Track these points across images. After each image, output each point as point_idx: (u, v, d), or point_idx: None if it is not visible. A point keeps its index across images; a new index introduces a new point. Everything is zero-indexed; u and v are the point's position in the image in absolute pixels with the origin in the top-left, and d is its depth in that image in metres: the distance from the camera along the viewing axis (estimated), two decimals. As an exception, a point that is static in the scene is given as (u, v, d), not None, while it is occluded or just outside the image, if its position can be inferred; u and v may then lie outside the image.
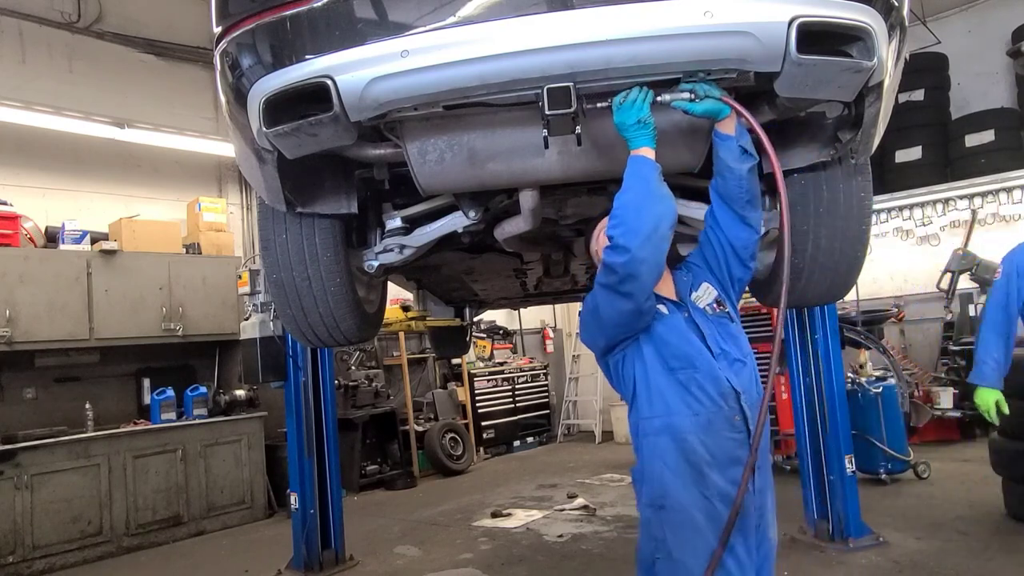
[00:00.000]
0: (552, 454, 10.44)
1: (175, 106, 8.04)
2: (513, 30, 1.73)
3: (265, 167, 2.09)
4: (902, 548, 4.88)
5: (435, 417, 9.77)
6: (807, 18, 1.69)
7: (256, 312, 5.44)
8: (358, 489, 8.25)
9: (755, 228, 2.20)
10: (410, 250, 2.70)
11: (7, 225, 6.30)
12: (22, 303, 6.12)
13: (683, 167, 2.29)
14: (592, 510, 6.62)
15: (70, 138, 7.16)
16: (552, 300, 6.87)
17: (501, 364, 11.06)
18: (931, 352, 9.32)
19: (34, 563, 5.71)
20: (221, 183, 8.66)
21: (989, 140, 9.10)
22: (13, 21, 7.04)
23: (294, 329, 2.73)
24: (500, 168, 2.15)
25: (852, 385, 6.73)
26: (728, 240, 2.22)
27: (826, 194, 2.38)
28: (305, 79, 1.82)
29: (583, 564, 5.20)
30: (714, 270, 2.29)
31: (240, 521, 7.10)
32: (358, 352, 9.24)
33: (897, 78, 2.04)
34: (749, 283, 3.06)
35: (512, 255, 3.40)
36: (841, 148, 2.22)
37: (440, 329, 6.44)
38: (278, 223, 2.47)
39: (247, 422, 7.27)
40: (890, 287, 9.78)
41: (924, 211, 9.58)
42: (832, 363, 5.14)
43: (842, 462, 5.02)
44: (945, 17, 9.88)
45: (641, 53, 1.73)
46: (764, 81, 1.86)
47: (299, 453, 5.51)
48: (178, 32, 8.15)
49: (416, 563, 5.53)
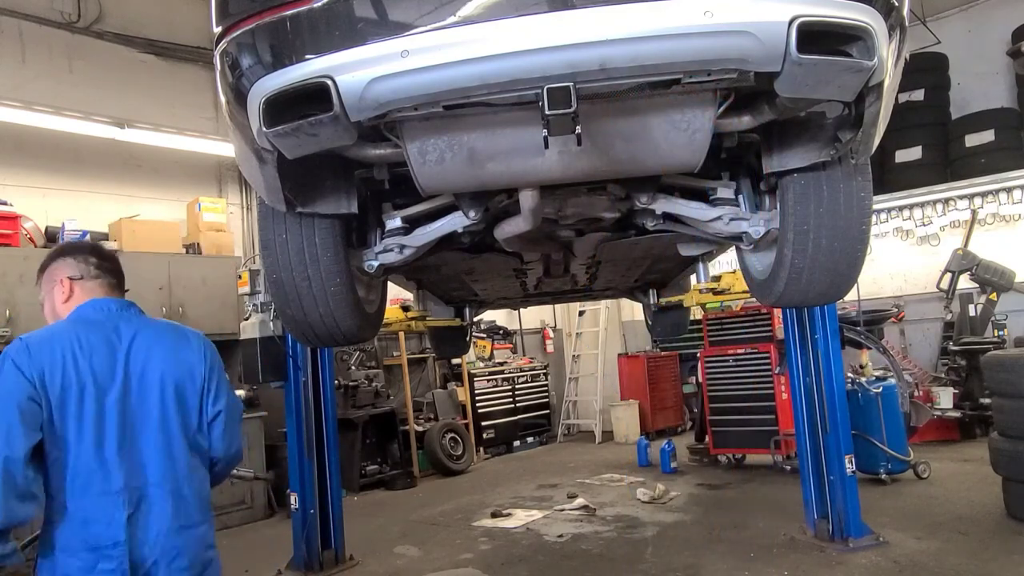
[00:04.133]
0: (552, 454, 10.44)
1: (175, 106, 8.04)
2: (513, 30, 1.73)
3: (265, 167, 2.09)
4: (902, 548, 4.88)
5: (435, 417, 9.77)
6: (807, 18, 1.69)
7: (256, 312, 5.45)
8: (358, 489, 8.25)
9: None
10: (410, 250, 2.69)
11: (7, 225, 6.31)
12: (22, 303, 6.12)
13: (683, 167, 2.29)
14: (592, 510, 6.62)
15: (70, 138, 7.16)
16: (552, 300, 6.87)
17: (501, 364, 11.06)
18: (931, 352, 9.32)
19: (34, 563, 5.70)
20: (221, 183, 8.66)
21: (989, 140, 9.11)
22: (13, 21, 7.05)
23: (294, 329, 2.73)
24: (500, 168, 2.15)
25: (852, 385, 6.73)
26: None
27: (826, 194, 2.38)
28: (305, 79, 1.82)
29: (583, 564, 5.20)
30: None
31: (240, 521, 7.10)
32: (358, 352, 9.24)
33: (897, 78, 2.04)
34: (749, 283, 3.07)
35: (512, 255, 3.40)
36: (841, 148, 2.22)
37: (440, 329, 6.43)
38: (278, 223, 2.47)
39: (247, 422, 7.24)
40: (890, 287, 9.80)
41: (924, 211, 9.59)
42: (832, 363, 5.14)
43: (842, 462, 5.02)
44: (945, 17, 9.89)
45: (642, 53, 1.72)
46: (764, 81, 1.86)
47: (299, 453, 5.52)
48: (178, 32, 8.15)
49: (416, 563, 5.53)
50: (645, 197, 2.61)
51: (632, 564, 5.08)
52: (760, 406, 7.73)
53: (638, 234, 3.20)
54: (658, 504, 6.72)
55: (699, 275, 4.41)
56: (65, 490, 2.05)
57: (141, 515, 2.09)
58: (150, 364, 2.20)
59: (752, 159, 2.59)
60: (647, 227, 2.92)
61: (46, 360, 2.06)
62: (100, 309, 2.25)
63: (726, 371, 8.14)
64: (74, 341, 2.12)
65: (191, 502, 2.19)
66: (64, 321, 2.23)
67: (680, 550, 5.29)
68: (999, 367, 5.35)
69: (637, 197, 2.62)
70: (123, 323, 2.24)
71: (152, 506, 2.11)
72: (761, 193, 2.70)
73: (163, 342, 2.26)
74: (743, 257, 3.02)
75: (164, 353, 2.24)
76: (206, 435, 2.29)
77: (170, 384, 2.21)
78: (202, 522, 2.23)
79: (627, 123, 2.08)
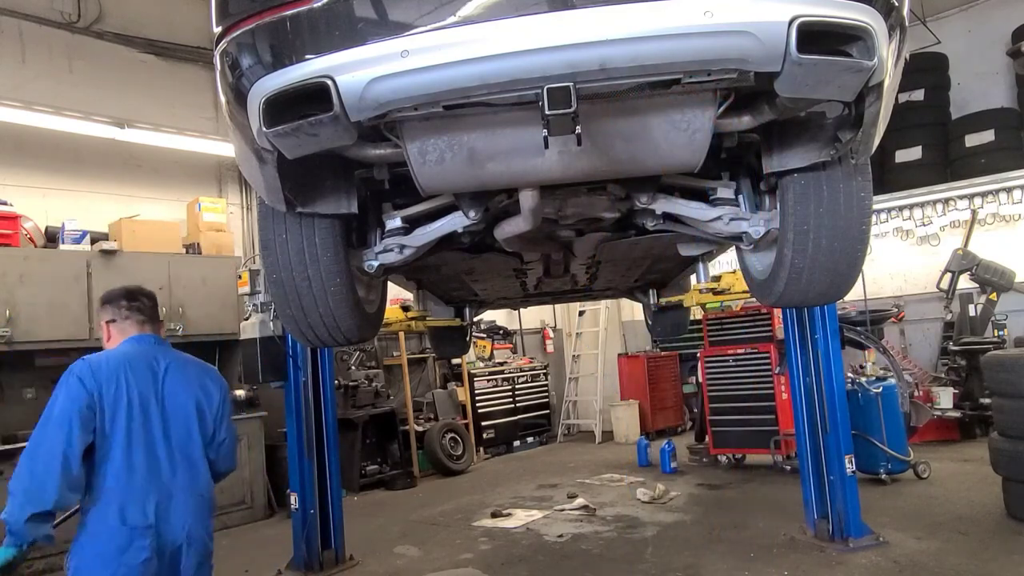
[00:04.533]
0: (552, 454, 10.45)
1: (175, 106, 8.04)
2: (513, 30, 1.73)
3: (265, 167, 2.09)
4: (902, 548, 4.88)
5: (435, 417, 9.77)
6: (807, 18, 1.69)
7: (256, 312, 5.45)
8: (358, 489, 8.25)
9: None
10: (410, 250, 2.69)
11: (7, 225, 6.31)
12: (22, 303, 6.13)
13: (683, 167, 2.29)
14: (592, 510, 6.62)
15: (70, 138, 7.17)
16: (552, 300, 6.87)
17: (501, 364, 11.06)
18: (931, 352, 9.32)
19: (34, 563, 5.70)
20: (221, 183, 8.66)
21: (989, 140, 9.12)
22: (13, 21, 7.05)
23: (294, 329, 2.73)
24: (500, 168, 2.15)
25: (852, 385, 6.74)
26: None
27: (826, 194, 2.37)
28: (305, 79, 1.82)
29: (583, 564, 5.20)
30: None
31: (240, 521, 7.10)
32: (358, 352, 9.24)
33: (897, 78, 2.04)
34: (749, 283, 3.07)
35: (512, 255, 3.40)
36: (841, 148, 2.22)
37: (440, 329, 6.43)
38: (278, 223, 2.47)
39: (247, 422, 7.27)
40: (890, 287, 9.80)
41: (924, 211, 9.59)
42: (832, 363, 5.14)
43: (842, 462, 5.02)
44: (945, 17, 9.89)
45: (642, 53, 1.72)
46: (764, 81, 1.86)
47: (299, 453, 5.52)
48: (178, 32, 8.16)
49: (416, 563, 5.53)
50: (645, 197, 2.61)
51: (632, 564, 5.08)
52: (760, 406, 7.73)
53: (638, 234, 3.20)
54: (658, 504, 6.72)
55: (699, 275, 4.40)
56: (107, 482, 2.58)
57: (168, 507, 2.65)
58: (181, 388, 2.81)
59: (752, 159, 2.59)
60: (647, 227, 2.92)
61: (103, 378, 2.63)
62: (142, 342, 2.85)
63: (726, 371, 8.14)
64: (125, 365, 2.71)
65: (207, 501, 2.81)
66: (116, 349, 2.82)
67: (680, 550, 5.29)
68: (999, 367, 5.35)
69: (637, 197, 2.62)
70: (160, 354, 2.84)
71: (177, 501, 2.68)
72: (761, 193, 2.70)
73: (190, 372, 2.89)
74: (743, 257, 3.02)
75: (191, 381, 2.86)
76: (215, 450, 2.88)
77: (194, 406, 2.82)
78: (211, 517, 2.84)
79: (627, 123, 2.08)
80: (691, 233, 2.94)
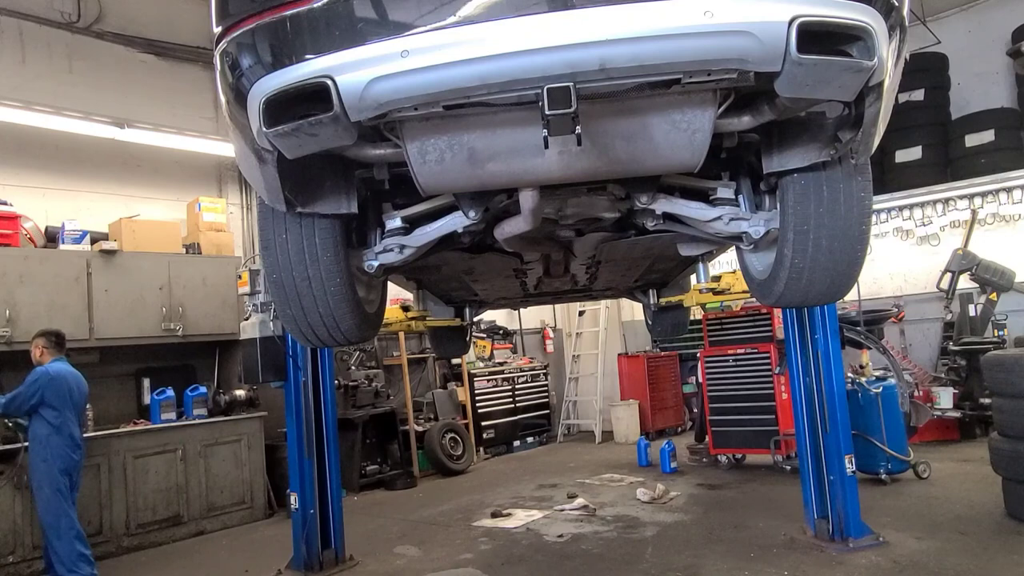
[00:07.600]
0: (552, 454, 10.45)
1: (175, 106, 8.04)
2: (513, 30, 1.73)
3: (265, 167, 2.09)
4: (902, 548, 4.88)
5: (435, 417, 9.77)
6: (807, 18, 1.69)
7: (256, 312, 5.45)
8: (358, 489, 8.25)
9: None
10: (410, 250, 2.69)
11: (7, 225, 6.30)
12: (22, 303, 6.13)
13: (683, 167, 2.29)
14: (592, 510, 6.62)
15: (70, 138, 7.17)
16: (552, 300, 6.87)
17: (501, 364, 11.06)
18: (931, 352, 9.32)
19: (34, 563, 5.70)
20: (221, 183, 8.66)
21: (989, 140, 9.11)
22: (13, 21, 7.05)
23: (294, 329, 2.73)
24: (500, 168, 2.15)
25: (852, 385, 6.74)
26: None
27: (826, 194, 2.37)
28: (305, 79, 1.81)
29: (583, 564, 5.20)
30: None
31: (240, 521, 7.10)
32: (358, 352, 9.24)
33: (897, 78, 2.04)
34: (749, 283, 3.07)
35: (512, 255, 3.40)
36: (841, 148, 2.21)
37: (440, 329, 6.43)
38: (278, 223, 2.47)
39: (247, 422, 7.28)
40: (890, 287, 9.80)
41: (924, 211, 9.59)
42: (832, 363, 5.14)
43: (842, 462, 5.02)
44: (945, 17, 9.89)
45: (642, 53, 1.72)
46: (764, 81, 1.86)
47: (299, 453, 5.52)
48: (178, 32, 8.15)
49: (416, 563, 5.53)
50: (645, 197, 2.60)
51: (632, 564, 5.08)
52: (760, 406, 7.73)
53: (638, 234, 3.20)
54: (658, 504, 6.72)
55: (699, 275, 4.40)
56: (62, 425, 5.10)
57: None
58: (80, 385, 5.32)
59: (752, 159, 2.59)
60: (647, 227, 2.92)
61: (57, 376, 5.15)
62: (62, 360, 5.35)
63: (726, 371, 8.14)
64: (65, 371, 5.24)
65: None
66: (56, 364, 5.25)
67: (680, 550, 5.29)
68: (999, 367, 5.35)
69: (637, 197, 2.62)
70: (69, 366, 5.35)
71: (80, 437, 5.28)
72: (761, 193, 2.70)
73: (78, 374, 5.34)
74: (743, 257, 3.02)
75: (80, 379, 5.34)
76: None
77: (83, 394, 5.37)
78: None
79: (627, 123, 2.08)
80: (691, 233, 2.94)
